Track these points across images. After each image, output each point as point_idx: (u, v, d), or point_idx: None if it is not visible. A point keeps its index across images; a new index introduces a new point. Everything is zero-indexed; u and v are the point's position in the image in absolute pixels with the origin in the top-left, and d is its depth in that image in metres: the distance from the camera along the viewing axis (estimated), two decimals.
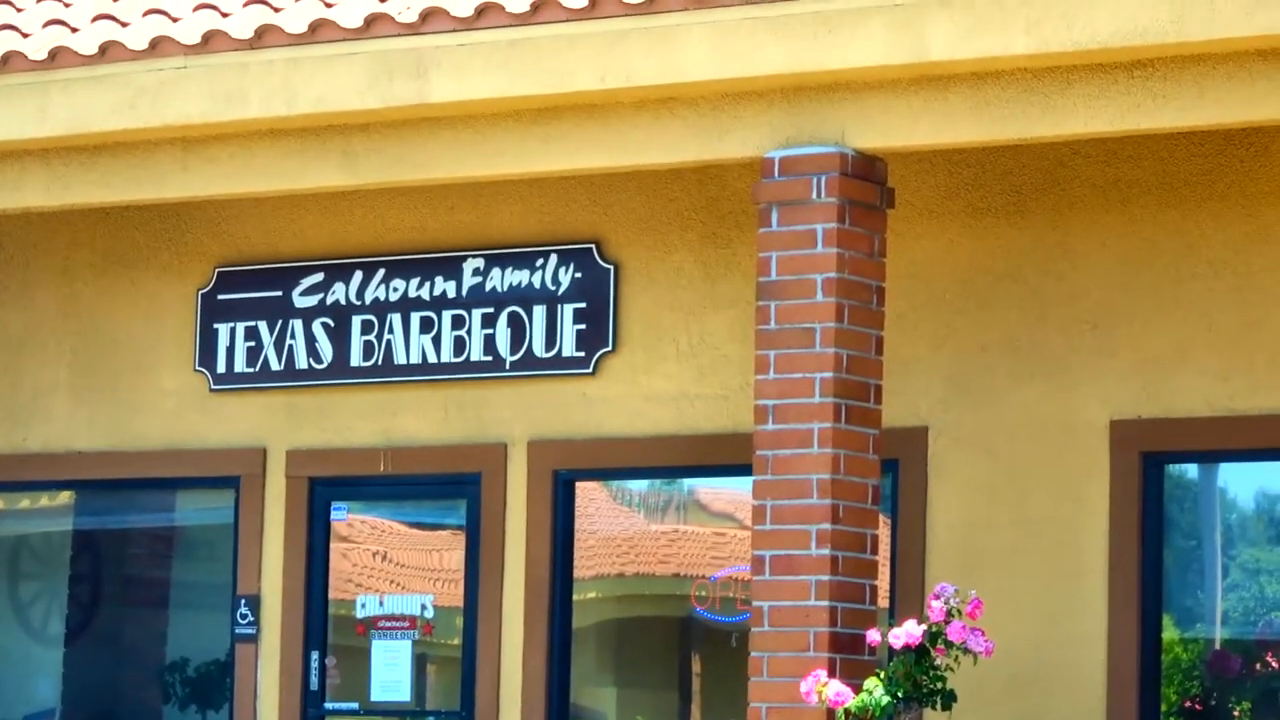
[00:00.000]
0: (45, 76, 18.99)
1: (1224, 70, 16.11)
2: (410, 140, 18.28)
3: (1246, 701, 17.83)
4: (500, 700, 19.42)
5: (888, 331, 17.18)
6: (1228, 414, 17.36)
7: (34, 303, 21.43)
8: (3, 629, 21.90)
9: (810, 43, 16.72)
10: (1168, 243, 17.57)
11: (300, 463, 20.32)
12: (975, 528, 17.91)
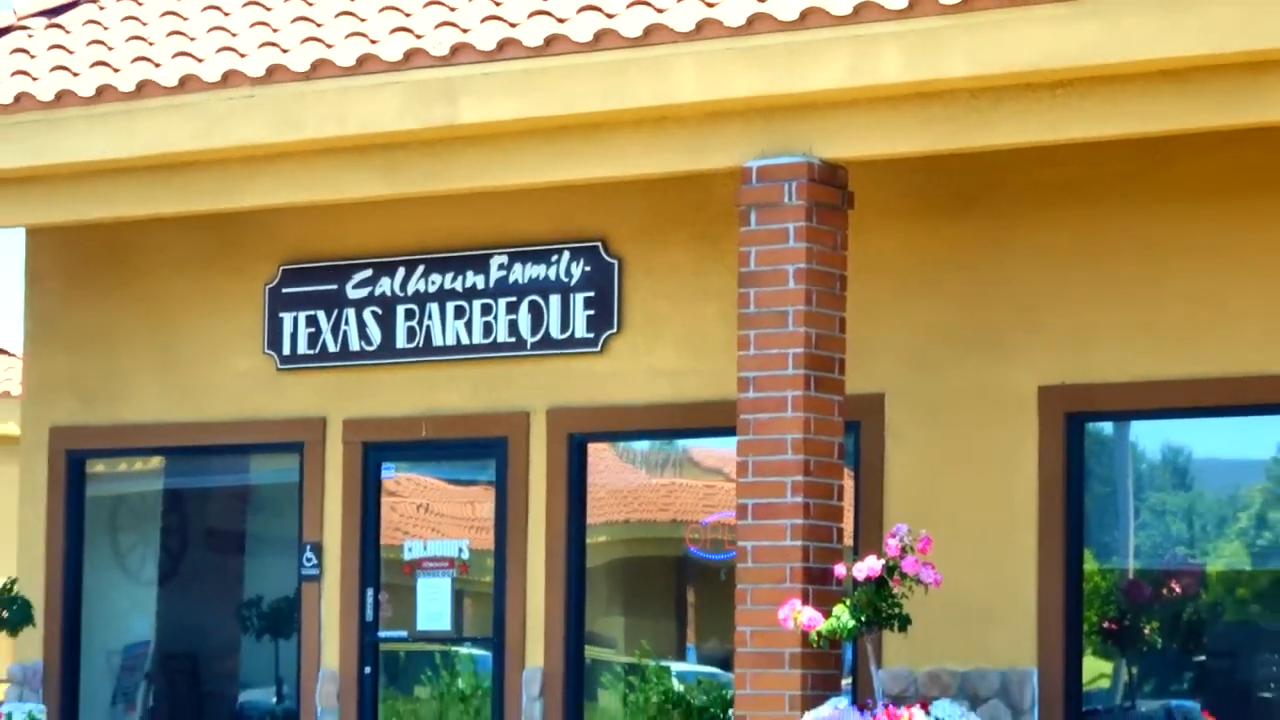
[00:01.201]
0: (133, 105, 19.06)
1: (1134, 88, 16.17)
2: (442, 156, 18.41)
3: (1156, 622, 18.03)
4: (526, 629, 19.50)
5: (849, 313, 17.35)
6: (1138, 380, 17.44)
7: (125, 299, 21.47)
8: (105, 574, 21.93)
9: (781, 70, 16.84)
10: (1090, 236, 17.67)
11: (354, 430, 20.38)
12: (925, 478, 17.99)
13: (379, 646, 20.30)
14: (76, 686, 21.62)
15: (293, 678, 20.73)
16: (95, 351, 21.61)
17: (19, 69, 20.10)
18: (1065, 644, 17.68)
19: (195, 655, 22.32)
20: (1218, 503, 18.13)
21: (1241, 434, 17.78)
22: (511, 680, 19.67)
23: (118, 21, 20.49)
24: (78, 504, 21.74)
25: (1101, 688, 18.15)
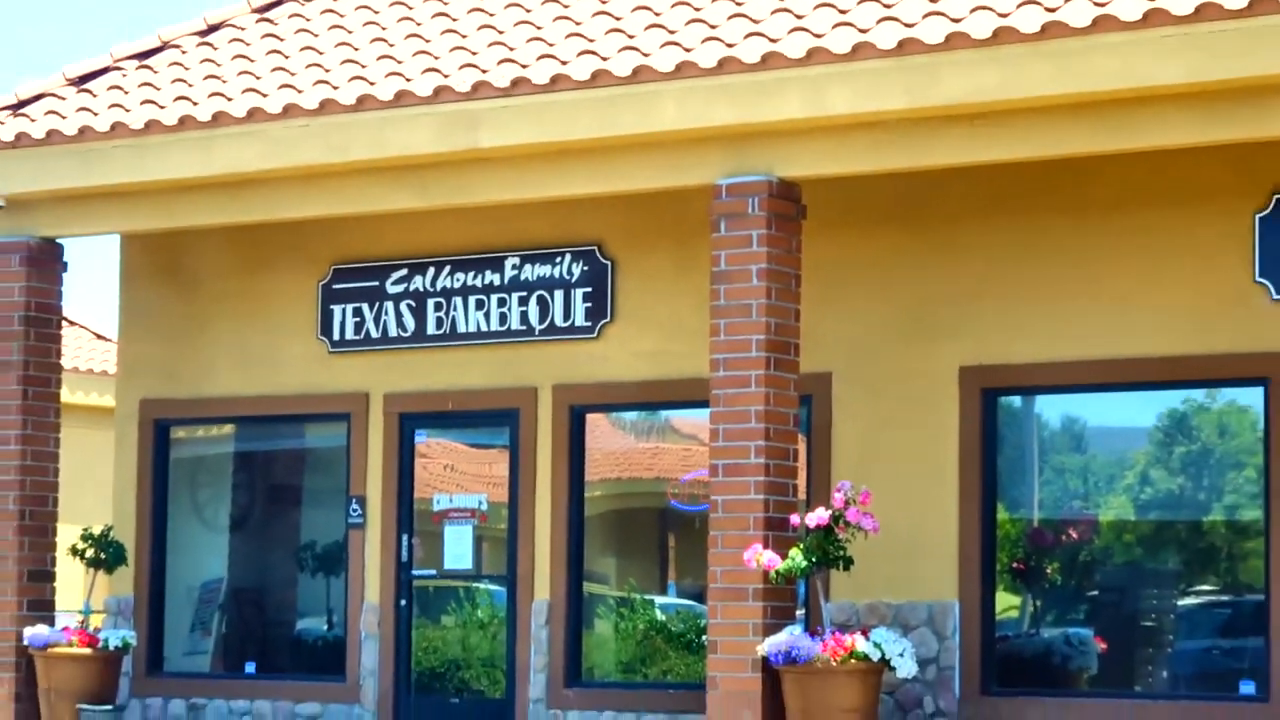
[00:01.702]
0: (210, 133, 19.08)
1: (1036, 119, 16.31)
2: (466, 175, 18.47)
3: (1056, 563, 18.14)
4: (534, 568, 19.52)
5: (803, 306, 17.40)
6: (1043, 361, 17.48)
7: (202, 294, 21.45)
8: (185, 523, 21.90)
9: (747, 104, 16.94)
10: (1004, 242, 17.72)
11: (392, 403, 20.36)
12: (866, 442, 18.04)
13: (412, 583, 20.28)
14: (161, 616, 21.61)
15: (341, 609, 20.70)
16: (178, 337, 21.57)
17: (115, 102, 20.10)
18: (981, 581, 17.73)
19: (260, 590, 22.30)
20: (1108, 464, 18.17)
21: (1128, 407, 17.83)
22: (522, 611, 19.67)
23: (197, 63, 20.48)
24: (163, 464, 21.72)
25: (1011, 618, 18.19)
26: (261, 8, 21.28)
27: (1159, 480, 17.84)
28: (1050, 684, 17.83)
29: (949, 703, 17.64)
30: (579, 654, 19.55)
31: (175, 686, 21.31)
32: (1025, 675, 17.87)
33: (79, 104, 20.44)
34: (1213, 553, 17.63)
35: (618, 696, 19.21)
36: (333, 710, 20.33)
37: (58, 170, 20.18)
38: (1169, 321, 16.98)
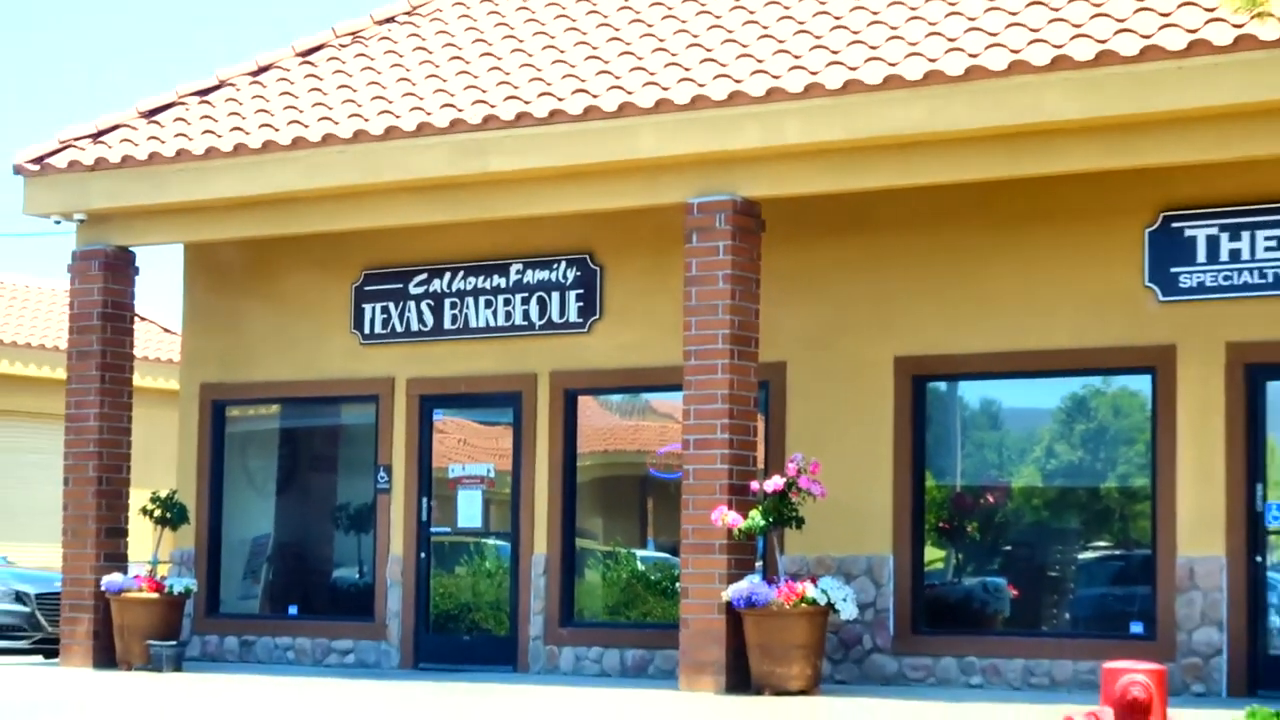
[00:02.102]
0: (260, 158, 19.11)
1: (963, 148, 16.28)
2: (477, 194, 18.51)
3: (975, 523, 18.16)
4: (534, 526, 19.48)
5: (762, 305, 17.39)
6: (964, 353, 17.51)
7: (253, 294, 21.38)
8: (238, 487, 21.84)
9: (715, 135, 17.00)
10: (933, 250, 17.74)
11: (414, 386, 20.33)
12: (815, 421, 18.03)
13: (430, 539, 20.26)
14: (218, 566, 21.60)
15: (370, 560, 20.68)
16: (232, 330, 21.53)
17: (180, 132, 20.10)
18: (912, 538, 17.77)
19: (301, 544, 22.28)
20: (1019, 439, 18.24)
21: (1037, 391, 17.88)
22: (524, 562, 19.67)
23: (249, 99, 20.46)
24: (219, 438, 21.70)
25: (937, 569, 18.25)
26: (304, 52, 21.29)
27: (1062, 453, 17.92)
28: (970, 625, 17.90)
29: (884, 640, 17.69)
30: (572, 599, 19.55)
31: (229, 626, 21.33)
32: (949, 617, 17.92)
33: (149, 133, 20.43)
34: (1107, 514, 17.73)
35: (604, 634, 19.23)
36: (363, 646, 20.36)
37: (130, 190, 20.19)
38: (1072, 319, 17.05)
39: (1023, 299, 17.31)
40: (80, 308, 20.81)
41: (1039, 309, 17.22)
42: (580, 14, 20.05)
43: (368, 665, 20.17)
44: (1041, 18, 16.30)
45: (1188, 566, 16.45)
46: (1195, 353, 16.53)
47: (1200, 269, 16.53)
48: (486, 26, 20.50)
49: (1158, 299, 16.67)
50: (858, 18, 17.60)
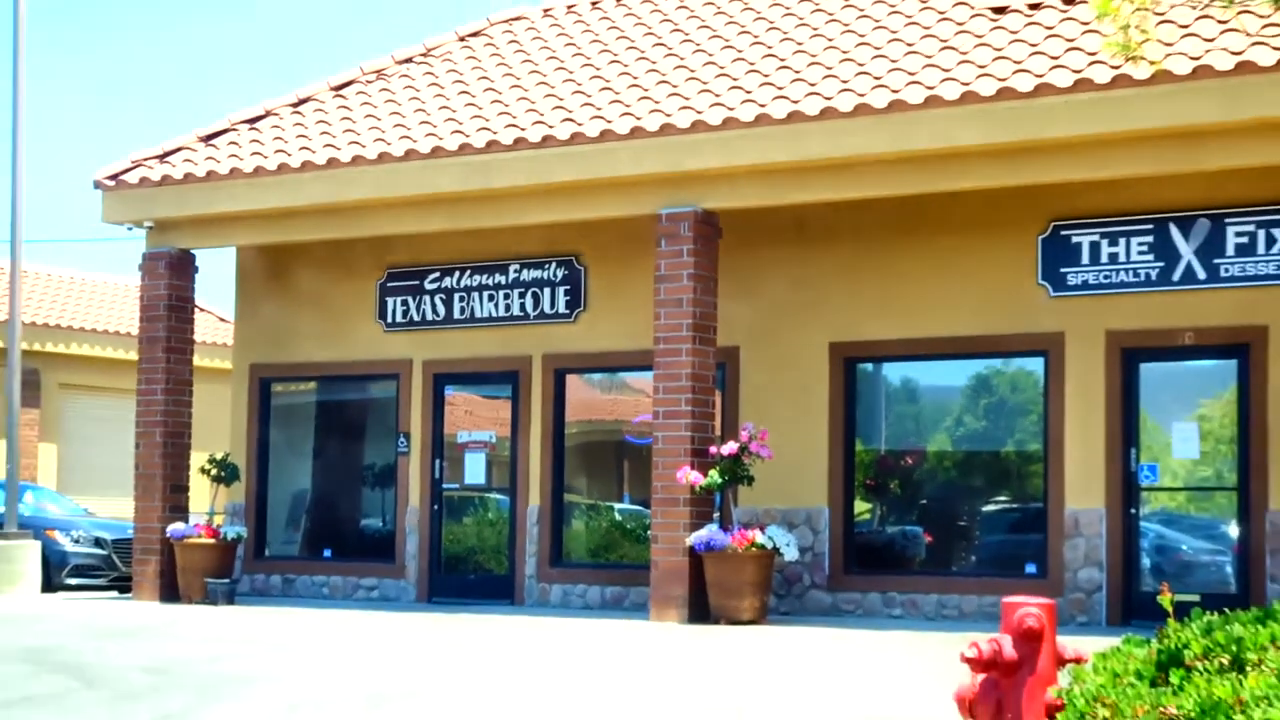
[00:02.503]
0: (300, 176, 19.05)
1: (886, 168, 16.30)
2: (481, 205, 18.51)
3: (897, 480, 18.26)
4: (529, 483, 19.46)
5: (720, 299, 17.36)
6: (887, 339, 17.54)
7: (295, 289, 21.30)
8: (281, 450, 21.79)
9: (680, 157, 17.01)
10: (861, 253, 17.75)
11: (429, 366, 20.28)
12: (764, 395, 18.05)
13: (442, 493, 20.22)
14: (264, 516, 21.55)
15: (391, 511, 20.62)
16: (277, 319, 21.47)
17: (232, 154, 20.04)
18: (844, 493, 17.80)
19: (334, 498, 22.21)
20: (933, 411, 18.29)
21: (948, 371, 17.91)
22: (520, 513, 19.64)
23: (290, 126, 20.39)
24: (265, 409, 21.65)
25: (865, 519, 18.25)
26: (336, 86, 21.23)
27: (969, 423, 17.96)
28: (892, 566, 17.93)
29: (821, 579, 17.73)
30: (560, 543, 19.54)
31: (274, 566, 21.31)
32: (874, 560, 17.92)
33: (206, 154, 20.38)
34: (1006, 474, 17.76)
35: (587, 573, 19.22)
36: (385, 583, 20.35)
37: (191, 202, 20.14)
38: (977, 311, 17.06)
39: (936, 294, 17.32)
40: (149, 301, 20.83)
41: (949, 302, 17.24)
42: (567, 55, 20.07)
43: (389, 599, 20.14)
44: (952, 59, 16.37)
45: (1073, 517, 16.52)
46: (1080, 339, 16.59)
47: (1084, 269, 16.57)
48: (489, 66, 20.49)
49: (1049, 295, 16.71)
50: (798, 59, 17.66)
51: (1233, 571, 15.96)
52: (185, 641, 15.05)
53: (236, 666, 12.97)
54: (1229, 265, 15.94)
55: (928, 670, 11.90)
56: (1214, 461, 16.37)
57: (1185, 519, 16.67)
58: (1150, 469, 16.43)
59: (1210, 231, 16.04)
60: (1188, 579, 15.98)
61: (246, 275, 21.92)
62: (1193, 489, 16.64)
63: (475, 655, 14.04)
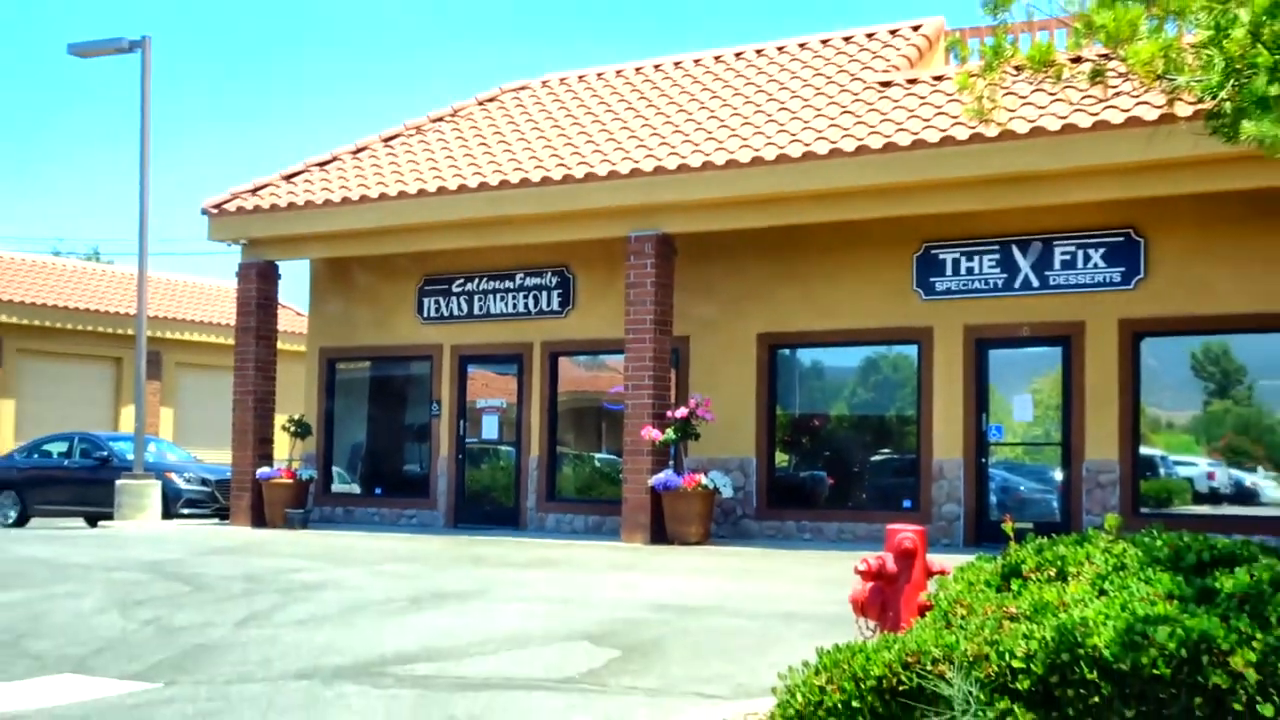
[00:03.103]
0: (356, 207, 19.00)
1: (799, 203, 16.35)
2: (496, 229, 18.53)
3: (806, 437, 18.26)
4: (530, 438, 19.50)
5: (676, 299, 17.36)
6: (802, 330, 17.59)
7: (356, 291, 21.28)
8: (343, 413, 21.75)
9: (645, 194, 17.03)
10: (786, 266, 17.78)
11: (456, 350, 20.27)
12: (707, 374, 18.13)
13: (465, 446, 20.21)
14: (330, 463, 21.48)
15: (427, 459, 20.54)
16: (340, 313, 21.39)
17: (306, 189, 20.00)
18: (767, 446, 17.85)
19: (383, 449, 22.14)
20: (834, 385, 18.30)
21: (846, 355, 17.96)
22: (524, 461, 19.65)
23: (350, 168, 20.31)
24: (330, 382, 21.55)
25: (783, 466, 18.22)
26: (387, 138, 21.19)
27: (861, 394, 18.01)
28: (803, 502, 17.91)
29: (750, 511, 17.77)
30: (554, 483, 19.54)
31: (337, 500, 21.25)
32: (790, 497, 17.93)
33: (287, 190, 20.33)
34: (889, 432, 17.79)
35: (574, 506, 19.23)
36: (422, 513, 20.31)
37: (275, 226, 20.10)
38: (868, 309, 17.13)
39: (838, 297, 17.36)
40: (243, 300, 20.83)
41: (848, 303, 17.29)
42: (560, 117, 20.08)
43: (425, 525, 20.10)
44: (850, 121, 16.42)
45: (939, 465, 16.63)
46: (945, 331, 16.68)
47: (948, 279, 16.64)
48: (501, 125, 20.48)
49: (921, 298, 16.78)
50: (734, 120, 17.72)
51: (1057, 506, 16.09)
52: (270, 556, 15.07)
53: (310, 575, 13.01)
54: (1056, 276, 16.05)
55: (829, 578, 11.97)
56: (1044, 423, 16.48)
57: (1022, 466, 16.76)
58: (996, 429, 16.54)
59: (1042, 251, 16.14)
60: (1024, 512, 16.09)
61: (317, 280, 21.84)
62: (1028, 444, 16.74)
63: (491, 567, 14.07)
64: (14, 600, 11.51)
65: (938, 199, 15.65)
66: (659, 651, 8.73)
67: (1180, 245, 15.47)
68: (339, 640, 9.28)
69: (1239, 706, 4.83)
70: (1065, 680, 5.14)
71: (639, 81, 20.84)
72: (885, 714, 5.41)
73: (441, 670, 8.20)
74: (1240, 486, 15.53)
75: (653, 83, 20.58)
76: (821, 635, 8.26)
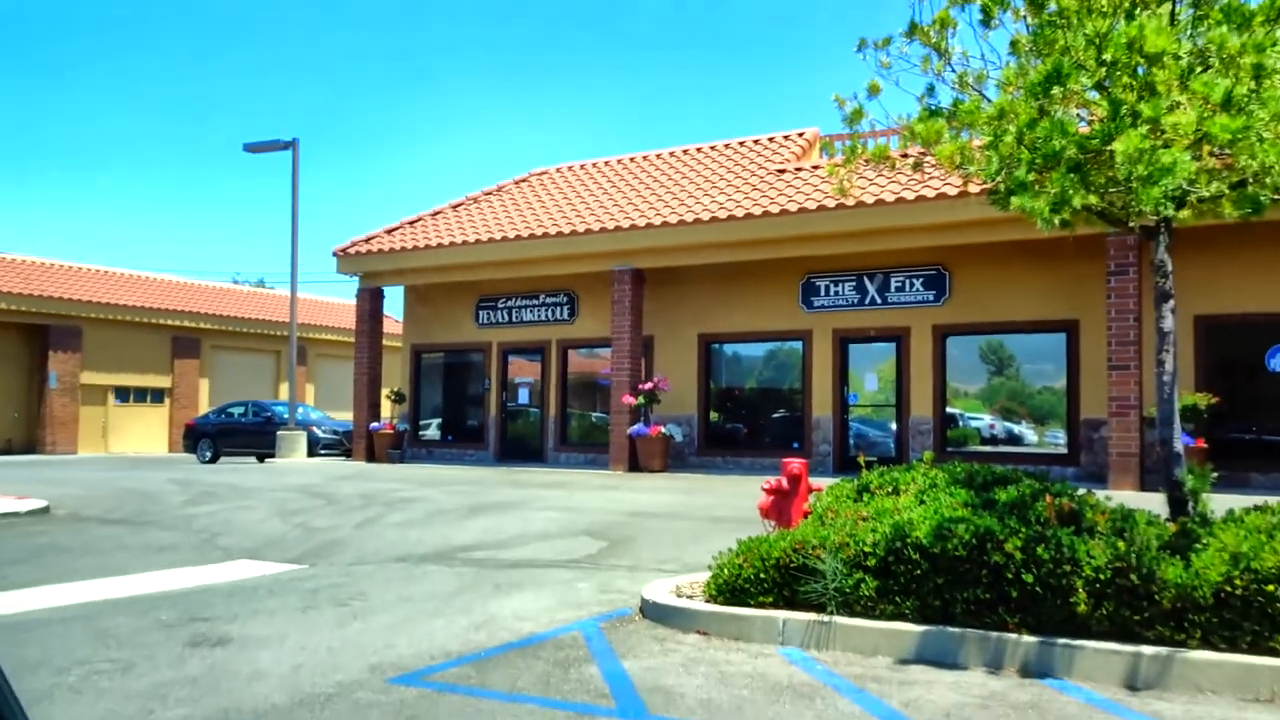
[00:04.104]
0: (436, 251, 18.75)
1: (733, 248, 16.12)
2: (525, 265, 18.29)
3: (730, 403, 17.97)
4: (550, 403, 19.40)
5: (645, 312, 17.23)
6: (729, 331, 17.46)
7: (432, 306, 21.11)
8: (427, 388, 21.55)
9: (624, 242, 16.85)
10: (718, 290, 17.63)
11: (500, 346, 20.11)
12: (667, 360, 17.98)
13: (507, 407, 20.04)
14: (418, 420, 21.26)
15: (481, 417, 20.35)
16: (424, 321, 21.21)
17: (402, 238, 19.81)
18: (704, 408, 17.67)
19: (453, 410, 21.86)
20: (749, 367, 18.10)
21: (756, 348, 17.77)
22: (545, 418, 19.44)
23: (432, 225, 20.15)
24: (418, 367, 21.34)
25: (716, 421, 17.97)
26: (455, 205, 21.03)
27: (765, 373, 17.84)
28: (728, 445, 17.72)
29: (693, 451, 17.63)
30: (566, 432, 19.36)
31: (423, 444, 21.04)
32: (720, 441, 17.76)
33: (389, 240, 20.12)
34: (784, 399, 17.63)
35: (579, 447, 19.05)
36: (479, 454, 20.10)
37: (380, 264, 19.87)
38: (770, 318, 16.99)
39: (750, 309, 17.23)
40: (359, 313, 20.55)
41: (757, 314, 17.16)
42: (568, 191, 19.93)
43: (480, 460, 19.93)
44: (757, 195, 16.36)
45: (817, 420, 16.60)
46: (820, 333, 16.60)
47: (822, 298, 16.59)
48: (530, 196, 20.33)
49: (805, 311, 16.71)
50: (681, 194, 17.60)
51: (893, 446, 16.07)
52: (378, 481, 14.98)
53: (405, 493, 12.94)
54: (892, 296, 16.06)
55: (745, 494, 12.01)
56: (885, 392, 16.47)
57: (871, 420, 16.73)
58: (854, 396, 16.51)
59: (883, 280, 16.15)
60: (871, 450, 16.07)
61: (409, 299, 21.64)
62: (875, 406, 16.70)
63: (524, 487, 14.03)
64: (210, 510, 11.44)
65: (815, 245, 15.62)
66: (633, 542, 8.74)
67: (972, 276, 15.52)
68: (423, 536, 9.25)
69: (1010, 575, 4.88)
70: (898, 559, 5.19)
71: (620, 168, 20.72)
72: (781, 582, 5.44)
73: (491, 555, 8.18)
74: (1010, 433, 15.61)
75: (629, 169, 20.46)
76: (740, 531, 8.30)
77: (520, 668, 4.64)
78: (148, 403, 29.93)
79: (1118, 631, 4.63)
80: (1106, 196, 4.96)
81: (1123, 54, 4.63)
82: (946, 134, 5.27)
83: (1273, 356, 13.44)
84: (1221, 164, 4.84)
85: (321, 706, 4.06)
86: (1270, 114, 4.42)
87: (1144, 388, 13.21)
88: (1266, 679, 4.26)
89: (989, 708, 4.09)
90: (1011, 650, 4.69)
